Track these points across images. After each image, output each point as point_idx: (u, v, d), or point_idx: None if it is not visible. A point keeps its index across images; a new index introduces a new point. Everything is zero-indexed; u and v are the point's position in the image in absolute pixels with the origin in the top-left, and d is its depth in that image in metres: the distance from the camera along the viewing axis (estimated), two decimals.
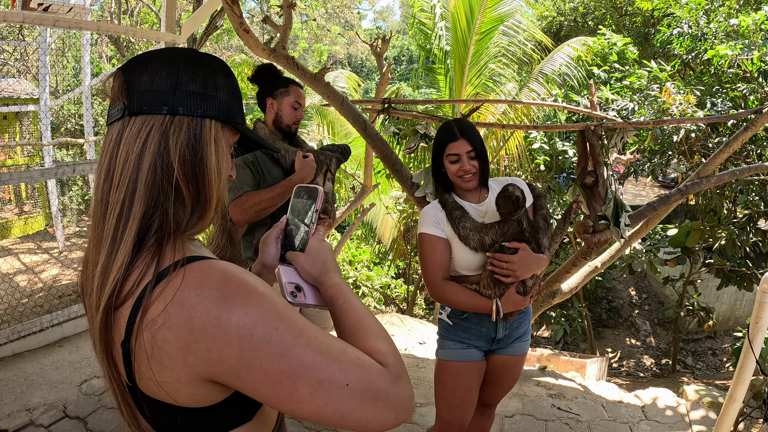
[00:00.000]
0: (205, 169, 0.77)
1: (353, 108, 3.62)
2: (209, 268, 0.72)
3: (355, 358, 0.74)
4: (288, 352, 0.69)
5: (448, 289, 1.94)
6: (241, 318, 0.68)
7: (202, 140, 0.77)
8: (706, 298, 8.18)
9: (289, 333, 0.70)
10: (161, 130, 0.74)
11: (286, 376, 0.69)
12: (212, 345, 0.68)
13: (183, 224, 0.77)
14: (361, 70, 29.64)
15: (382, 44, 5.96)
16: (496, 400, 2.28)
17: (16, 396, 3.36)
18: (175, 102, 0.75)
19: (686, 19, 5.92)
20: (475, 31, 8.04)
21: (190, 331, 0.68)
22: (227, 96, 0.81)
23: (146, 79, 0.75)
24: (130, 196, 0.73)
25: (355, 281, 9.74)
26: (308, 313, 2.52)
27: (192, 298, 0.69)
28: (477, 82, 8.57)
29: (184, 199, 0.76)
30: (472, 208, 1.99)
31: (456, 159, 1.94)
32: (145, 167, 0.73)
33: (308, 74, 3.54)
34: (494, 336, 2.01)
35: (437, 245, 1.95)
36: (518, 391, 3.38)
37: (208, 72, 0.79)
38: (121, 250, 0.72)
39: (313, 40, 19.33)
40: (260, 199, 2.27)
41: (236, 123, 0.82)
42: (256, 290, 0.71)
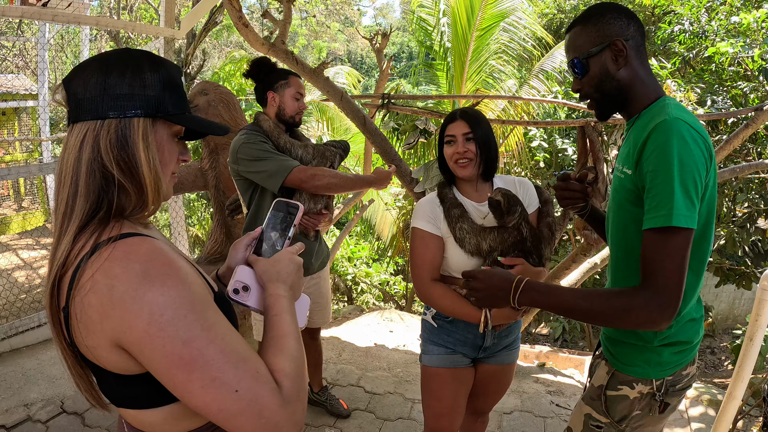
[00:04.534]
0: (138, 164, 0.83)
1: (352, 103, 3.60)
2: (140, 244, 0.80)
3: (253, 370, 0.78)
4: (191, 342, 0.75)
5: (435, 291, 1.80)
6: (156, 296, 0.75)
7: (130, 139, 0.83)
8: (705, 296, 8.18)
9: (198, 324, 0.76)
10: (93, 135, 0.82)
11: (184, 364, 0.74)
12: (125, 314, 0.74)
13: (129, 210, 0.85)
14: (361, 67, 29.57)
15: (381, 40, 5.95)
16: (488, 408, 2.20)
17: (14, 391, 3.35)
18: (104, 107, 0.82)
19: (687, 17, 5.90)
20: (475, 28, 8.03)
21: (109, 298, 0.75)
22: (158, 90, 0.86)
23: (81, 88, 0.83)
24: (72, 195, 0.82)
25: (354, 277, 9.73)
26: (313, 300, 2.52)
27: (116, 269, 0.76)
28: (477, 79, 8.56)
29: (127, 190, 0.84)
30: (474, 207, 1.83)
31: (452, 140, 1.81)
32: (83, 170, 0.81)
33: (308, 69, 3.52)
34: (481, 344, 1.88)
35: (430, 243, 1.81)
36: (517, 387, 3.38)
37: (135, 71, 0.84)
38: (66, 237, 0.81)
39: (313, 36, 19.29)
40: (330, 173, 2.29)
41: (168, 115, 0.88)
42: (178, 275, 0.78)
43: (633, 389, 1.41)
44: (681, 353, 1.38)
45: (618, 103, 1.36)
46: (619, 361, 1.44)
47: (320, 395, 3.07)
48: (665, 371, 1.39)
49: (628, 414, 1.43)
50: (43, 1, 4.18)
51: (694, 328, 1.38)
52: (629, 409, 1.43)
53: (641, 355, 1.39)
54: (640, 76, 1.33)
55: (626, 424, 1.44)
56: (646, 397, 1.41)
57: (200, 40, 9.42)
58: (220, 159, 3.23)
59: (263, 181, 2.31)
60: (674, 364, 1.38)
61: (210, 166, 3.26)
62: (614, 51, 1.30)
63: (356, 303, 9.42)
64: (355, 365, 3.75)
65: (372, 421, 2.99)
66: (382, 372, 3.61)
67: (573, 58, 1.38)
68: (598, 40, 1.32)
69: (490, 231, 1.74)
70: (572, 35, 1.39)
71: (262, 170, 2.28)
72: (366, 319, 6.63)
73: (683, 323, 1.36)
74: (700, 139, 1.18)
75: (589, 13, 1.36)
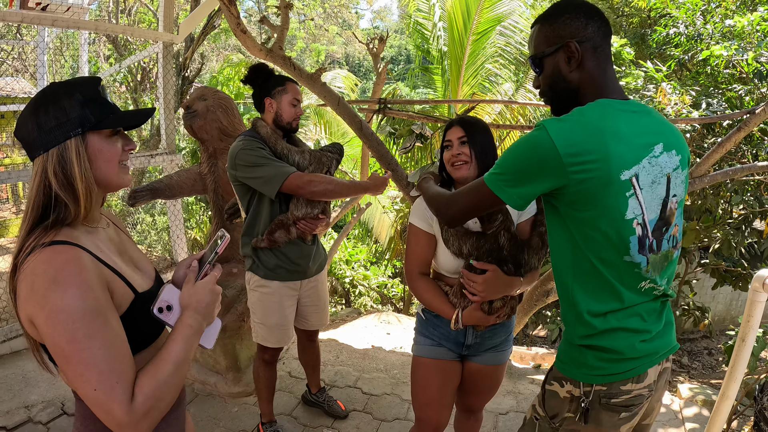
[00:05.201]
0: (73, 177, 1.05)
1: (349, 108, 3.63)
2: (61, 253, 1.00)
3: (113, 379, 0.97)
4: (72, 343, 0.95)
5: (420, 284, 1.94)
6: (57, 300, 0.95)
7: (68, 159, 1.05)
8: (702, 297, 8.20)
9: (81, 332, 0.96)
10: (43, 165, 1.05)
11: (64, 356, 0.96)
12: (35, 305, 0.97)
13: (68, 219, 1.06)
14: (359, 70, 29.58)
15: (378, 44, 5.99)
16: (479, 406, 2.25)
17: (14, 393, 3.37)
18: (46, 142, 1.04)
19: (683, 20, 5.93)
20: (471, 32, 8.07)
21: (30, 289, 0.98)
22: (78, 110, 1.06)
23: (25, 134, 1.06)
24: (28, 209, 1.06)
25: (352, 280, 9.73)
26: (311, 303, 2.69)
27: (39, 268, 0.98)
28: (473, 83, 8.60)
29: (66, 202, 1.05)
30: None
31: (449, 145, 1.91)
32: (34, 193, 1.05)
33: (305, 74, 3.55)
34: (463, 341, 1.96)
35: (422, 239, 1.93)
36: (513, 388, 3.40)
37: (56, 104, 1.05)
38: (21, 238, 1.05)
39: (311, 39, 19.31)
40: (326, 179, 2.34)
41: (92, 126, 1.07)
42: (80, 287, 0.97)
43: (562, 387, 1.42)
44: (609, 362, 1.35)
45: (567, 104, 1.36)
46: (558, 356, 1.47)
47: (318, 396, 3.10)
48: (593, 377, 1.36)
49: (559, 413, 1.43)
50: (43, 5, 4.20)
51: (628, 340, 1.34)
52: (560, 407, 1.43)
53: (569, 353, 1.42)
54: (592, 79, 1.33)
55: (559, 423, 1.44)
56: (574, 400, 1.40)
57: (198, 44, 9.44)
58: (219, 163, 3.25)
59: (260, 187, 2.34)
60: (603, 371, 1.35)
61: (209, 170, 3.28)
62: (567, 52, 1.31)
63: (354, 306, 9.43)
64: (352, 367, 3.77)
65: (369, 422, 3.02)
66: (380, 373, 3.64)
67: (531, 56, 1.41)
68: (553, 40, 1.33)
69: (471, 235, 1.81)
70: (532, 33, 1.42)
71: (260, 176, 2.31)
72: (363, 321, 6.65)
73: (611, 330, 1.34)
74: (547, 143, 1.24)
75: (548, 12, 1.38)
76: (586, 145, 1.23)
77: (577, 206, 1.29)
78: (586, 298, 1.34)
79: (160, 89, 5.11)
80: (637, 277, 1.34)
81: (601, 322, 1.33)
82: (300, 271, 2.56)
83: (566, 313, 1.42)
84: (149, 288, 1.18)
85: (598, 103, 1.30)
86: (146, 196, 3.31)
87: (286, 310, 2.57)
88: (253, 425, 2.98)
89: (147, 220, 10.72)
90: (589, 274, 1.33)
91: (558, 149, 1.22)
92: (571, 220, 1.32)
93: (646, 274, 1.34)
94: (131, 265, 1.20)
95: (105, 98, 1.11)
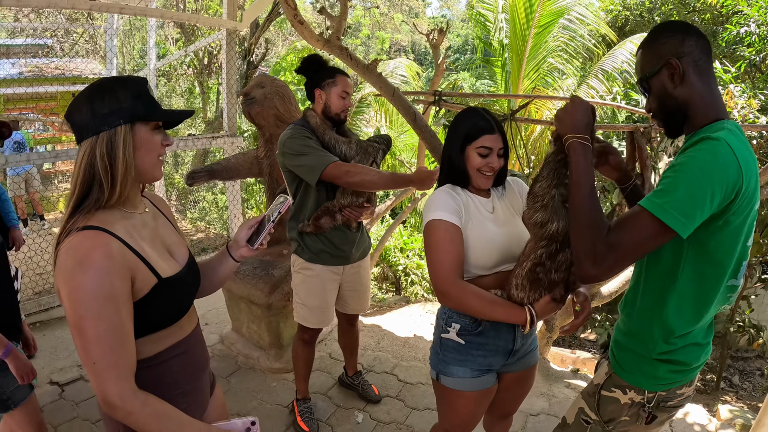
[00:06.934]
0: (117, 163, 1.16)
1: (404, 99, 3.69)
2: (90, 238, 1.12)
3: (113, 360, 1.11)
4: (84, 320, 1.09)
5: (468, 291, 1.64)
6: (78, 279, 1.08)
7: (115, 144, 1.16)
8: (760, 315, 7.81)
9: (93, 312, 1.08)
10: (92, 147, 1.15)
11: (76, 329, 1.10)
12: (61, 281, 1.10)
13: (102, 201, 1.17)
14: (425, 59, 29.25)
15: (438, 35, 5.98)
16: (513, 411, 2.14)
17: (70, 353, 3.65)
18: (96, 126, 1.15)
19: (754, 19, 5.63)
20: (533, 24, 7.89)
21: (61, 266, 1.10)
22: (130, 102, 1.17)
23: (78, 118, 1.17)
24: (72, 187, 1.18)
25: (405, 268, 9.74)
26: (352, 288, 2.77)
27: (70, 250, 1.10)
28: (534, 77, 8.42)
29: (104, 186, 1.16)
30: (480, 203, 1.80)
31: (487, 153, 1.74)
32: (83, 170, 1.16)
33: (361, 65, 3.63)
34: (511, 347, 1.78)
35: (455, 235, 1.67)
36: (547, 390, 3.39)
37: (111, 94, 1.16)
38: (67, 214, 1.17)
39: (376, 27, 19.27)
40: (364, 170, 2.35)
41: (141, 117, 1.19)
42: (100, 272, 1.09)
43: (625, 395, 1.47)
44: (678, 373, 1.43)
45: (678, 121, 1.38)
46: (619, 364, 1.50)
47: (354, 379, 3.20)
48: (659, 386, 1.44)
49: (616, 417, 1.49)
50: None
51: (695, 353, 1.42)
52: (618, 412, 1.49)
53: (639, 365, 1.45)
54: (698, 94, 1.33)
55: (613, 426, 1.50)
56: (636, 405, 1.47)
57: (263, 30, 9.69)
58: (274, 148, 3.38)
59: (303, 175, 2.43)
60: (669, 381, 1.43)
61: (265, 154, 3.42)
62: (669, 70, 1.33)
63: (404, 294, 9.46)
64: (391, 354, 3.84)
65: (400, 409, 3.09)
66: (417, 362, 3.69)
67: (638, 80, 1.44)
68: (655, 61, 1.36)
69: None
70: (637, 59, 1.45)
71: (303, 164, 2.41)
72: (410, 310, 6.70)
73: (686, 345, 1.40)
74: (734, 166, 1.19)
75: (648, 37, 1.41)
76: (751, 167, 1.25)
77: (713, 229, 1.26)
78: (679, 319, 1.36)
79: (223, 74, 5.32)
80: (727, 299, 1.40)
81: (682, 340, 1.39)
82: (343, 257, 2.65)
83: (648, 329, 1.42)
84: (176, 273, 1.28)
85: (731, 125, 1.30)
86: (204, 177, 3.49)
87: (328, 293, 2.67)
88: (288, 401, 3.11)
89: (209, 199, 11.11)
90: (690, 295, 1.35)
91: (741, 166, 1.20)
92: (696, 242, 1.28)
93: (734, 296, 1.40)
94: (162, 251, 1.29)
95: (152, 96, 1.23)
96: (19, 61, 11.63)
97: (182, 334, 1.32)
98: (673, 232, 1.18)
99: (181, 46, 11.16)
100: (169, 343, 1.28)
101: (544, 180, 1.54)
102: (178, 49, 10.99)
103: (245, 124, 9.95)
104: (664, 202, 1.18)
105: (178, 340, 1.30)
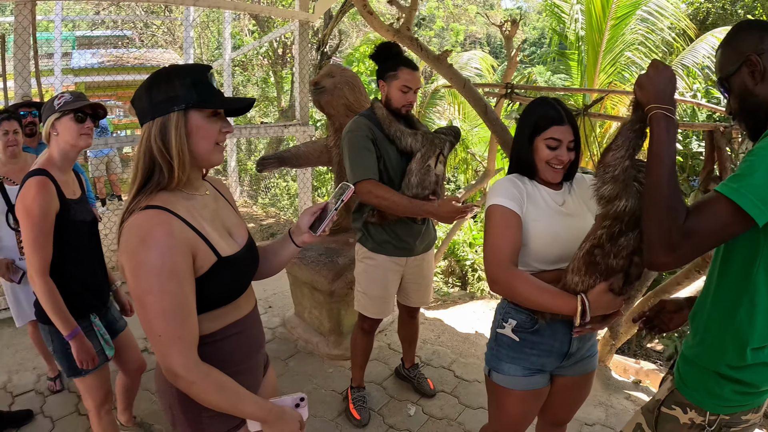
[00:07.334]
0: (171, 147, 1.19)
1: (475, 91, 3.64)
2: (153, 217, 1.16)
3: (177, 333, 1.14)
4: (147, 293, 1.13)
5: (521, 277, 1.57)
6: (141, 256, 1.12)
7: (168, 129, 1.19)
8: None
9: (156, 286, 1.12)
10: (149, 131, 1.20)
11: (139, 303, 1.14)
12: (125, 258, 1.14)
13: (164, 183, 1.21)
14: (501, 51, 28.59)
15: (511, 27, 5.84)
16: (567, 420, 2.04)
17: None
18: (153, 112, 1.20)
19: None
20: (610, 16, 7.54)
21: (125, 244, 1.15)
22: (186, 90, 1.20)
23: (138, 104, 1.23)
24: (134, 169, 1.23)
25: (473, 264, 9.62)
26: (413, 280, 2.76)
27: (133, 228, 1.15)
28: (611, 71, 8.06)
29: (162, 168, 1.20)
30: (549, 194, 1.74)
31: (556, 145, 1.68)
32: (142, 154, 1.21)
33: (431, 55, 3.60)
34: (567, 350, 1.73)
35: (513, 222, 1.63)
36: (605, 400, 3.26)
37: (168, 82, 1.20)
38: (129, 198, 1.22)
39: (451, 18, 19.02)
40: (384, 196, 2.37)
41: (195, 104, 1.21)
42: (161, 248, 1.13)
43: (685, 414, 1.38)
44: (745, 395, 1.32)
45: (760, 121, 1.30)
46: (682, 380, 1.41)
47: (410, 371, 3.20)
48: (723, 407, 1.34)
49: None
50: None
51: (765, 375, 1.31)
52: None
53: (704, 381, 1.35)
54: None
55: None
56: (696, 427, 1.37)
57: (337, 21, 9.79)
58: None
59: (347, 172, 2.48)
60: (735, 403, 1.33)
61: (334, 143, 3.46)
62: (749, 66, 1.27)
63: (470, 289, 9.36)
64: (450, 349, 3.82)
65: (454, 405, 3.05)
66: (476, 360, 3.65)
67: (717, 80, 1.38)
68: (734, 58, 1.30)
69: None
70: (716, 58, 1.39)
71: (347, 164, 2.46)
72: (473, 306, 6.62)
73: (757, 364, 1.29)
74: None
75: (726, 36, 1.36)
76: None
77: None
78: (751, 327, 1.28)
79: (296, 64, 5.43)
80: None
81: (753, 356, 1.29)
82: (406, 248, 2.64)
83: (719, 339, 1.33)
84: (235, 252, 1.30)
85: None
86: (274, 164, 3.57)
87: (389, 283, 2.67)
88: (343, 387, 3.15)
89: (281, 185, 11.39)
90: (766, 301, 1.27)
91: None
92: None
93: None
94: (221, 231, 1.32)
95: (211, 84, 1.25)
96: (99, 52, 12.29)
97: (240, 313, 1.35)
98: (750, 219, 1.10)
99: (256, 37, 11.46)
100: (226, 322, 1.31)
101: (618, 149, 1.42)
102: (252, 40, 11.29)
103: (318, 114, 10.12)
104: (740, 185, 1.11)
105: (235, 320, 1.33)
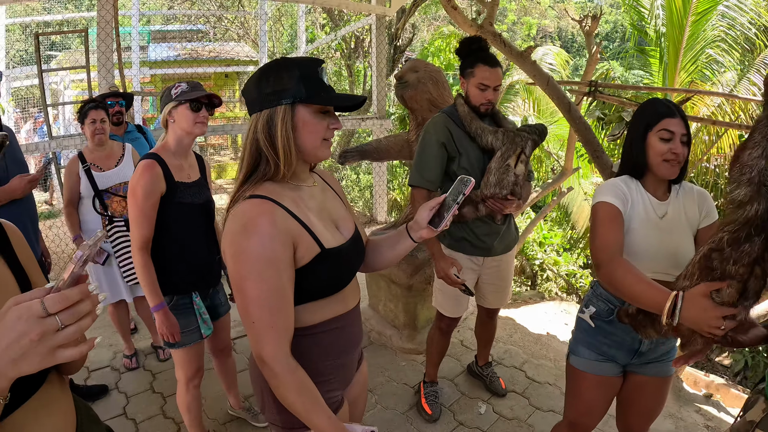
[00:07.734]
0: (276, 140, 1.20)
1: (558, 88, 3.55)
2: (256, 206, 1.18)
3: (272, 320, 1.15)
4: (246, 280, 1.14)
5: (622, 263, 1.55)
6: (243, 243, 1.14)
7: (274, 121, 1.20)
8: None
9: (255, 273, 1.14)
10: (256, 122, 1.22)
11: (237, 288, 1.17)
12: (227, 244, 1.17)
13: (269, 174, 1.23)
14: (572, 46, 27.75)
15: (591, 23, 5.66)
16: (643, 428, 1.99)
17: None
18: (261, 104, 1.21)
19: None
20: (691, 12, 7.15)
21: (228, 230, 1.18)
22: (294, 84, 1.19)
23: (248, 95, 1.25)
24: (241, 158, 1.26)
25: (542, 264, 9.44)
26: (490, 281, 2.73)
27: (237, 216, 1.18)
28: (692, 69, 7.66)
29: (269, 159, 1.22)
30: (653, 204, 1.73)
31: (669, 137, 1.66)
32: (248, 146, 1.24)
33: (515, 52, 3.54)
34: (637, 347, 1.76)
35: (617, 216, 1.66)
36: (675, 412, 3.12)
37: (277, 76, 1.20)
38: (237, 186, 1.25)
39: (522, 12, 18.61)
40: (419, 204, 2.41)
41: (302, 99, 1.20)
42: (263, 237, 1.14)
43: None
44: None
45: None
46: None
47: (483, 370, 3.17)
48: None
49: None
50: None
51: None
52: None
53: None
54: None
55: None
56: None
57: (410, 15, 9.78)
58: None
59: None
60: None
61: (416, 138, 3.46)
62: None
63: (539, 289, 9.18)
64: (522, 349, 3.76)
65: (524, 407, 3.01)
66: (547, 362, 3.58)
67: None
68: None
69: None
70: None
71: (415, 161, 2.49)
72: (544, 306, 6.50)
73: None
74: None
75: None
76: None
77: None
78: None
79: (372, 58, 5.47)
80: None
81: None
82: (484, 248, 2.59)
83: None
84: (340, 244, 1.28)
85: None
86: (355, 157, 3.61)
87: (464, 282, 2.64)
88: (415, 381, 3.16)
89: (352, 177, 11.51)
90: None
91: None
92: None
93: None
94: (327, 222, 1.31)
95: (321, 79, 1.23)
96: (174, 45, 12.78)
97: (344, 308, 1.34)
98: None
99: (328, 32, 11.60)
100: (328, 316, 1.30)
101: (755, 148, 1.29)
102: (325, 34, 11.43)
103: (393, 107, 10.13)
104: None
105: (338, 314, 1.32)
